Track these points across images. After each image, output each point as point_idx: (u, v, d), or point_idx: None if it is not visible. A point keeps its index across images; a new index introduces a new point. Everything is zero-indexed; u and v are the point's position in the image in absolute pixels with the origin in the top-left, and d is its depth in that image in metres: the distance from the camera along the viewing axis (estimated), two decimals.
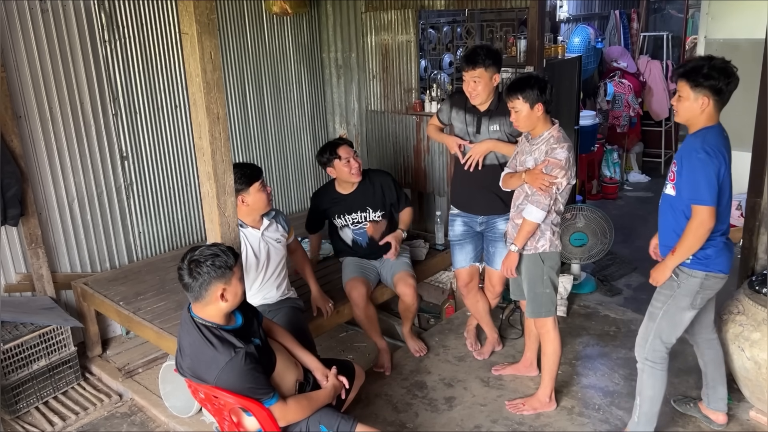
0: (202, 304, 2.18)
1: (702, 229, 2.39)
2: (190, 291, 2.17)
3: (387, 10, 4.49)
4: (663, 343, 2.59)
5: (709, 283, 2.50)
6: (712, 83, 2.35)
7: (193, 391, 2.33)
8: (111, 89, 3.88)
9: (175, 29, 4.12)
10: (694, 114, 2.43)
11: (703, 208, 2.37)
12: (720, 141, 2.41)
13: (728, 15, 5.03)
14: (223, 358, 2.11)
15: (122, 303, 3.48)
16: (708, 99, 2.38)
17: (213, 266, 2.13)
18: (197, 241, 4.35)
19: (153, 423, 3.27)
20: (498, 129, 3.20)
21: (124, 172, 4.01)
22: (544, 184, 2.78)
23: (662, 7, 8.48)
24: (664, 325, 2.56)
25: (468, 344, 3.70)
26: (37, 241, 3.60)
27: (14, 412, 3.31)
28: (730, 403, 3.10)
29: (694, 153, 2.37)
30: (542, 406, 3.11)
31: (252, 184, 2.87)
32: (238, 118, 4.59)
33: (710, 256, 2.47)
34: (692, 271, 2.49)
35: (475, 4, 4.13)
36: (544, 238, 2.90)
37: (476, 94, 3.15)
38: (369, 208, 3.58)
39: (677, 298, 2.53)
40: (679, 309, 2.54)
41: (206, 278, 2.12)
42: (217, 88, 2.24)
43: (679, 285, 2.51)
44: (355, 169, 3.48)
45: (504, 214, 3.26)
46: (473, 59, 3.12)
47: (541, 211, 2.82)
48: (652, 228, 2.75)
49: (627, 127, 6.77)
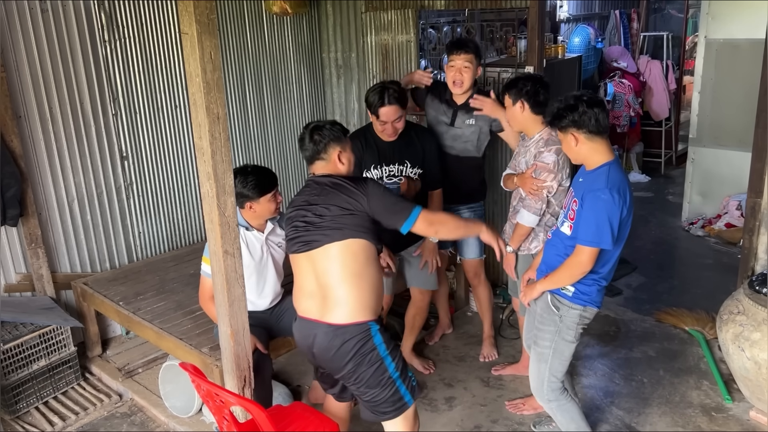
0: (322, 165, 2.41)
1: (578, 270, 2.38)
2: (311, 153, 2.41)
3: (387, 10, 4.49)
4: (557, 379, 2.61)
5: (585, 315, 2.51)
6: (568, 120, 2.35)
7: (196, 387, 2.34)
8: (111, 89, 3.88)
9: (175, 29, 4.12)
10: (576, 152, 2.41)
11: (586, 249, 2.34)
12: (622, 178, 2.38)
13: (728, 15, 5.02)
14: (362, 183, 2.36)
15: (122, 303, 3.47)
16: (574, 135, 2.37)
17: (332, 130, 2.41)
18: (197, 241, 4.35)
19: (153, 423, 3.27)
20: (474, 123, 3.23)
21: (124, 172, 4.01)
22: (533, 188, 2.81)
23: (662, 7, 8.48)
24: (555, 363, 2.57)
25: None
26: (37, 241, 3.60)
27: (14, 412, 3.30)
28: (729, 403, 3.11)
29: (599, 192, 2.31)
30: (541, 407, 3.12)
31: (264, 195, 2.83)
32: (238, 118, 4.59)
33: (591, 294, 2.47)
34: (572, 304, 2.49)
35: (475, 4, 4.12)
36: (537, 240, 2.92)
37: (461, 82, 3.14)
38: (407, 162, 3.23)
39: (562, 332, 2.52)
40: (566, 342, 2.54)
41: (327, 140, 2.38)
42: (217, 88, 2.23)
43: (561, 318, 2.50)
44: (389, 132, 3.14)
45: (466, 204, 3.39)
46: (464, 44, 3.13)
47: (532, 215, 2.86)
48: (653, 228, 2.75)
49: (627, 127, 6.76)
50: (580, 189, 2.42)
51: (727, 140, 5.18)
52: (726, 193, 5.28)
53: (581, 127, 2.35)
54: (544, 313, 2.55)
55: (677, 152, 7.31)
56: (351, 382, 2.35)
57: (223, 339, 2.50)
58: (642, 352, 3.61)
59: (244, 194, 2.80)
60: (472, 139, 3.30)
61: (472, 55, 3.11)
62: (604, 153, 2.39)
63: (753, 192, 3.21)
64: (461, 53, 3.09)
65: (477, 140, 3.31)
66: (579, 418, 2.69)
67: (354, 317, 2.28)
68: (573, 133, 2.37)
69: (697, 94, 5.34)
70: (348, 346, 2.27)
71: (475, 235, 2.78)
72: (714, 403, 3.15)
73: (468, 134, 3.29)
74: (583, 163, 2.47)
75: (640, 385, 3.32)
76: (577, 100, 2.36)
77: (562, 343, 2.53)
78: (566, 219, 2.48)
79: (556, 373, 2.59)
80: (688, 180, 5.51)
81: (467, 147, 3.30)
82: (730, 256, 4.77)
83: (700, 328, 3.74)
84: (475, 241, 3.46)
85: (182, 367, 2.37)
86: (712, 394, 3.21)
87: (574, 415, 2.67)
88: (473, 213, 3.46)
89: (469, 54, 3.10)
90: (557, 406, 2.65)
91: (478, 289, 3.64)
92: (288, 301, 3.09)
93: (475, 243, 3.47)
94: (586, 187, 2.38)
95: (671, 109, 7.10)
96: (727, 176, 5.21)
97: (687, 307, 3.98)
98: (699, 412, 3.08)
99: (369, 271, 2.34)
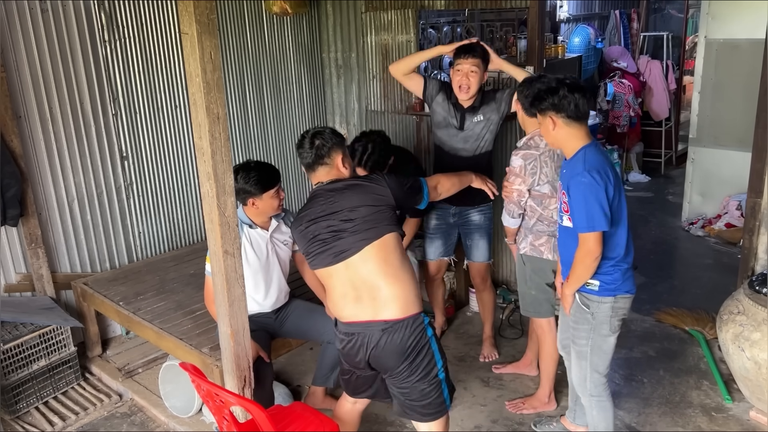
0: (326, 170, 2.38)
1: (589, 258, 2.33)
2: (313, 159, 2.36)
3: (387, 10, 4.49)
4: (600, 374, 2.57)
5: (619, 305, 2.46)
6: (548, 102, 2.33)
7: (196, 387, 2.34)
8: (111, 89, 3.88)
9: (175, 29, 4.12)
10: (553, 137, 2.39)
11: (588, 236, 2.30)
12: (600, 159, 2.34)
13: (728, 15, 5.02)
14: (377, 179, 2.37)
15: (122, 303, 3.47)
16: (552, 118, 2.35)
17: (333, 135, 2.39)
18: (197, 241, 4.35)
19: (153, 423, 3.27)
20: (482, 119, 3.23)
21: (124, 172, 4.01)
22: (505, 191, 2.87)
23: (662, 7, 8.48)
24: (596, 359, 2.54)
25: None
26: (37, 241, 3.60)
27: (14, 412, 3.30)
28: (729, 403, 3.11)
29: (579, 177, 2.29)
30: (542, 406, 3.14)
31: (266, 191, 2.81)
32: (238, 118, 4.59)
33: (616, 281, 2.43)
34: (601, 298, 2.44)
35: (475, 4, 4.12)
36: (525, 242, 2.95)
37: (467, 88, 3.13)
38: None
39: (597, 328, 2.49)
40: (603, 338, 2.50)
41: (330, 145, 2.36)
42: (217, 88, 2.23)
43: (593, 315, 2.47)
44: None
45: (478, 206, 3.36)
46: (472, 48, 3.10)
47: (508, 217, 2.92)
48: (653, 228, 2.75)
49: (627, 127, 6.76)
50: (565, 179, 2.41)
51: (727, 140, 5.18)
52: (726, 193, 5.28)
53: (560, 111, 2.32)
54: (576, 312, 2.52)
55: (677, 152, 7.32)
56: (401, 379, 2.31)
57: (223, 339, 2.50)
58: (642, 352, 3.61)
59: (246, 190, 2.78)
60: (484, 134, 3.28)
61: (480, 59, 3.10)
62: (581, 138, 2.36)
63: (753, 192, 3.21)
64: (469, 57, 3.07)
65: (488, 132, 3.28)
66: (611, 420, 2.65)
67: (408, 310, 2.27)
68: (552, 116, 2.35)
69: (697, 94, 5.34)
70: (407, 340, 2.25)
71: (468, 184, 2.89)
72: (714, 403, 3.15)
73: (479, 131, 3.27)
74: (560, 148, 2.45)
75: (640, 385, 3.32)
76: (559, 83, 2.34)
77: (599, 339, 2.50)
78: (562, 213, 2.47)
79: (597, 368, 2.55)
80: (688, 180, 5.51)
81: (479, 144, 3.29)
82: (730, 256, 4.77)
83: (700, 328, 3.74)
84: (484, 245, 3.45)
85: (182, 367, 2.37)
86: (712, 394, 3.21)
87: (608, 415, 2.63)
88: (483, 215, 3.42)
89: (477, 59, 3.08)
90: (597, 402, 2.61)
91: (484, 294, 3.64)
92: (294, 304, 3.09)
93: (484, 247, 3.46)
94: (569, 175, 2.36)
95: (671, 109, 7.10)
96: (727, 176, 5.21)
97: (687, 307, 3.98)
98: (699, 412, 3.08)
99: (406, 262, 2.35)
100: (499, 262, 4.34)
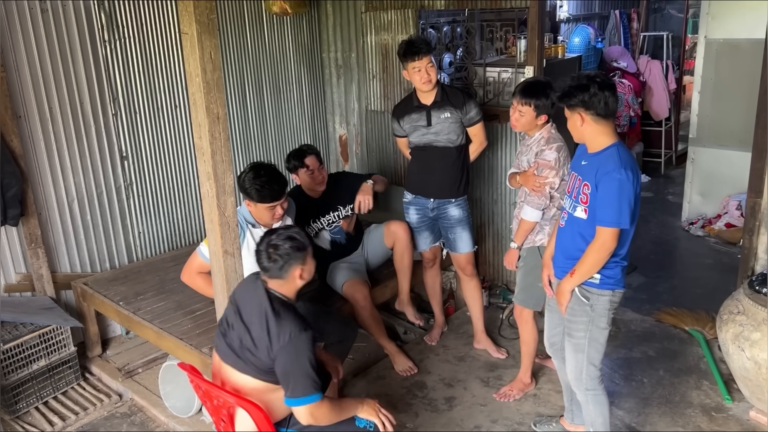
0: (279, 283, 2.24)
1: (604, 252, 2.37)
2: (269, 272, 2.22)
3: (387, 10, 4.49)
4: (595, 367, 2.59)
5: (615, 300, 2.51)
6: (578, 99, 2.34)
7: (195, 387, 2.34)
8: (111, 89, 3.88)
9: (175, 29, 4.12)
10: (580, 132, 2.41)
11: (608, 230, 2.33)
12: (632, 158, 2.41)
13: (728, 15, 5.02)
14: (294, 331, 2.13)
15: (122, 303, 3.48)
16: (581, 115, 2.36)
17: (292, 248, 2.20)
18: (197, 241, 4.34)
19: (153, 423, 3.27)
20: (450, 115, 3.38)
21: (124, 172, 4.01)
22: (536, 185, 2.91)
23: (662, 7, 8.47)
24: (592, 351, 2.55)
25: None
26: (37, 241, 3.60)
27: (14, 412, 3.30)
28: (729, 403, 3.11)
29: (614, 173, 2.31)
30: (526, 387, 3.26)
31: (262, 202, 2.82)
32: (238, 118, 4.59)
33: (616, 276, 2.47)
34: (601, 291, 2.47)
35: (475, 4, 4.12)
36: (543, 233, 3.01)
37: (428, 81, 3.30)
38: (340, 207, 3.59)
39: (595, 320, 2.50)
40: (600, 330, 2.52)
41: (285, 260, 2.19)
42: (217, 88, 2.24)
43: (592, 308, 2.49)
44: (318, 180, 3.47)
45: (455, 199, 3.47)
46: (417, 49, 3.26)
47: (535, 210, 2.96)
48: (653, 228, 2.76)
49: (627, 127, 6.76)
50: (590, 171, 2.40)
51: (727, 140, 5.17)
52: (726, 193, 5.28)
53: (589, 108, 2.34)
54: (574, 305, 2.52)
55: (677, 152, 7.31)
56: None
57: None
58: (642, 352, 3.61)
59: (246, 190, 2.80)
60: (454, 129, 3.41)
61: (430, 54, 3.31)
62: (609, 135, 2.39)
63: (753, 192, 3.21)
64: (421, 57, 3.26)
65: (459, 127, 3.42)
66: (607, 414, 2.66)
67: None
68: (581, 112, 2.37)
69: (697, 94, 5.34)
70: None
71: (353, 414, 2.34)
72: (714, 403, 3.15)
73: (448, 126, 3.40)
74: (584, 142, 2.47)
75: (640, 385, 3.32)
76: (590, 80, 2.35)
77: (596, 331, 2.52)
78: (578, 203, 2.45)
79: (593, 361, 2.57)
80: (688, 180, 5.51)
81: (450, 137, 3.41)
82: (730, 256, 4.77)
83: (700, 328, 3.74)
84: (467, 236, 3.52)
85: (180, 367, 2.37)
86: (712, 394, 3.21)
87: (604, 410, 2.65)
88: (460, 208, 3.49)
89: (429, 54, 3.29)
90: (593, 396, 2.62)
91: (471, 282, 3.65)
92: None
93: (468, 237, 3.52)
94: (599, 169, 2.36)
95: (671, 109, 7.09)
96: (727, 176, 5.21)
97: (687, 307, 3.97)
98: (699, 412, 3.08)
99: None
100: (499, 262, 4.34)
